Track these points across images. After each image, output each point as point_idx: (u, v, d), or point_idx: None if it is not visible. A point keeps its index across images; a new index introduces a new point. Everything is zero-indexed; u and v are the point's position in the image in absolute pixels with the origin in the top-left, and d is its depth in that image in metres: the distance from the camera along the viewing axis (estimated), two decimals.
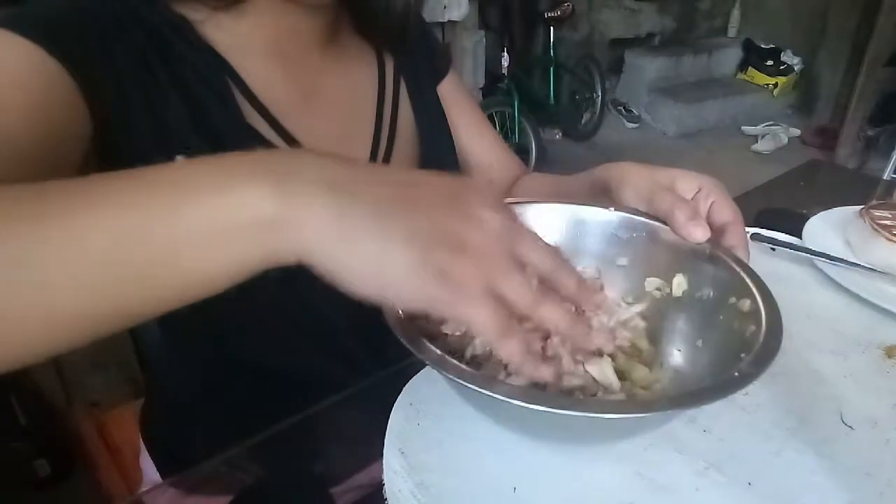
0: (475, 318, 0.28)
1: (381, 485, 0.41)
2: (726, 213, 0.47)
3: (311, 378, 0.61)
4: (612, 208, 0.50)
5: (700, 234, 0.44)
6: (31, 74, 0.41)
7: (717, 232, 0.46)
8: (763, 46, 3.81)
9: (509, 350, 0.30)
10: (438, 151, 0.67)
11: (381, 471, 0.42)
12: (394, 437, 0.44)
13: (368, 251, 0.27)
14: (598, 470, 0.42)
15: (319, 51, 0.58)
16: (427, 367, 0.50)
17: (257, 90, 0.53)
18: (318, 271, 0.28)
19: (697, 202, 0.47)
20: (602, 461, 0.43)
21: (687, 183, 0.48)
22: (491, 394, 0.31)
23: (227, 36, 0.52)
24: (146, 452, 0.70)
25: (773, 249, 0.68)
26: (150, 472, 0.70)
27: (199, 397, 0.66)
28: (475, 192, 0.31)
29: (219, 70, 0.52)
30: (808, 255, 0.66)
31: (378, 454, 0.43)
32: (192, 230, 0.26)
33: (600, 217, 0.50)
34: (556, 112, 3.37)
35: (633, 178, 0.49)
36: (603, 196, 0.52)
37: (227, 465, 0.47)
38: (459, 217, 0.29)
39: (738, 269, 0.44)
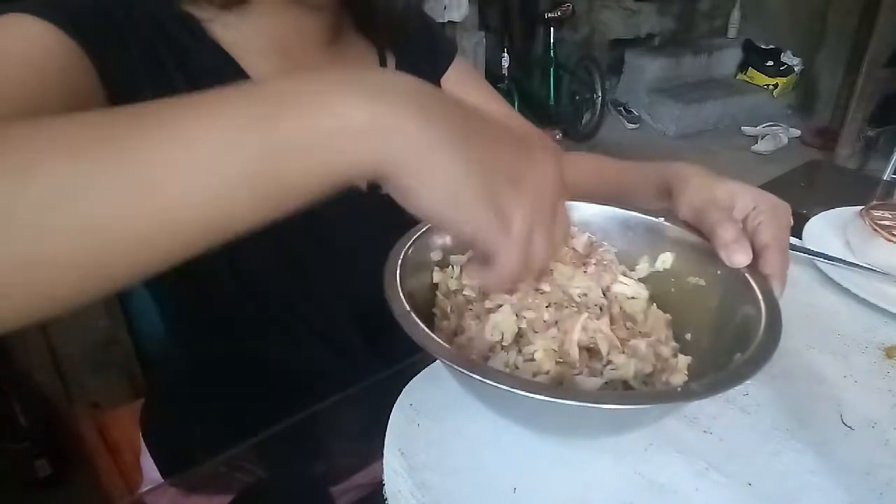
0: (504, 259, 0.31)
1: (381, 485, 0.41)
2: (765, 236, 0.43)
3: (313, 374, 0.61)
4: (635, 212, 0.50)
5: (738, 258, 0.42)
6: (51, 54, 0.41)
7: (756, 254, 0.43)
8: (763, 47, 3.81)
9: (496, 289, 0.34)
10: None
11: (381, 471, 0.42)
12: (394, 437, 0.44)
13: (442, 171, 0.29)
14: (598, 470, 0.42)
15: (322, 51, 0.59)
16: (427, 367, 0.50)
17: None
18: (388, 185, 0.29)
19: (746, 222, 0.44)
20: (602, 461, 0.43)
21: (745, 201, 0.45)
22: (496, 384, 0.32)
23: (234, 35, 0.52)
24: (147, 452, 0.71)
25: None
26: (151, 471, 0.70)
27: (199, 396, 0.66)
28: (538, 137, 0.33)
29: (229, 68, 0.52)
30: (808, 256, 0.66)
31: (378, 454, 0.43)
32: (291, 139, 0.27)
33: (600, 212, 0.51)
34: (556, 112, 3.38)
35: (692, 189, 0.47)
36: (665, 199, 0.50)
37: (228, 465, 0.47)
38: (523, 157, 0.31)
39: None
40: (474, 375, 0.33)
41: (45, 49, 0.41)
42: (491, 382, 0.32)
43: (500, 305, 0.42)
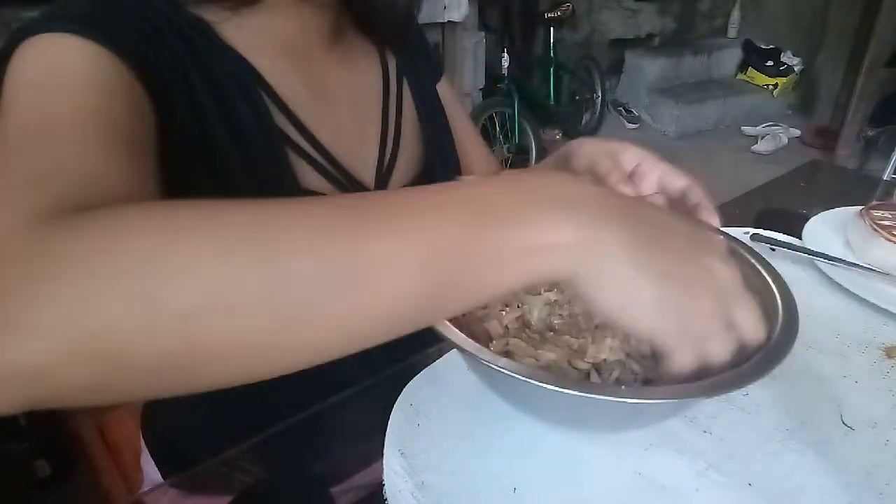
0: (678, 359, 0.33)
1: (381, 485, 0.41)
2: (679, 180, 0.47)
3: (317, 373, 0.61)
4: None
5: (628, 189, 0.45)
6: (106, 76, 0.41)
7: (679, 199, 0.46)
8: (763, 47, 3.81)
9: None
10: (440, 147, 0.68)
11: (381, 471, 0.42)
12: (394, 437, 0.44)
13: (623, 279, 0.30)
14: (598, 470, 0.42)
15: (326, 51, 0.59)
16: (427, 367, 0.50)
17: (277, 90, 0.54)
18: (569, 286, 0.31)
19: (642, 172, 0.48)
20: (602, 461, 0.43)
21: (629, 155, 0.48)
22: (515, 375, 0.33)
23: (243, 36, 0.52)
24: (147, 452, 0.70)
25: (773, 250, 0.68)
26: (151, 472, 0.70)
27: (199, 396, 0.66)
28: (711, 244, 0.35)
29: (243, 71, 0.52)
30: (808, 256, 0.66)
31: (378, 454, 0.43)
32: (496, 251, 0.29)
33: None
34: (556, 112, 3.37)
35: (584, 148, 0.51)
36: (564, 167, 0.53)
37: (228, 465, 0.47)
38: (697, 266, 0.33)
39: (759, 267, 0.44)
40: (480, 357, 0.34)
41: (101, 71, 0.41)
42: (500, 368, 0.33)
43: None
